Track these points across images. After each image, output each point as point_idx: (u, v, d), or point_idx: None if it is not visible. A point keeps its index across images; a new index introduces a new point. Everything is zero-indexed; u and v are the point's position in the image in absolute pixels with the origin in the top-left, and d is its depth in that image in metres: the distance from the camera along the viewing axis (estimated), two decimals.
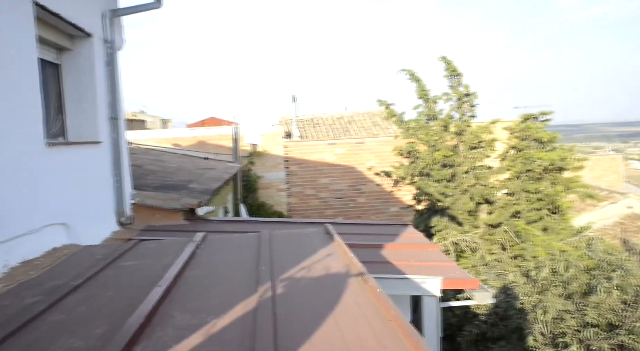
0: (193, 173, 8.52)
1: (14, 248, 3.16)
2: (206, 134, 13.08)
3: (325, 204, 12.78)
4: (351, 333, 2.00)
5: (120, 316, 2.26)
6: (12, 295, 2.64)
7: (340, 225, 6.39)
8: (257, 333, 1.98)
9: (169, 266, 3.07)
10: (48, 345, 1.96)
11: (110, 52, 4.97)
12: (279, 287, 2.64)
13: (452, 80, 9.13)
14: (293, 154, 12.72)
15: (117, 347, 1.83)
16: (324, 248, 3.60)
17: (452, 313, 6.56)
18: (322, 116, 16.62)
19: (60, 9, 3.95)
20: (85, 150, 4.53)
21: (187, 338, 2.00)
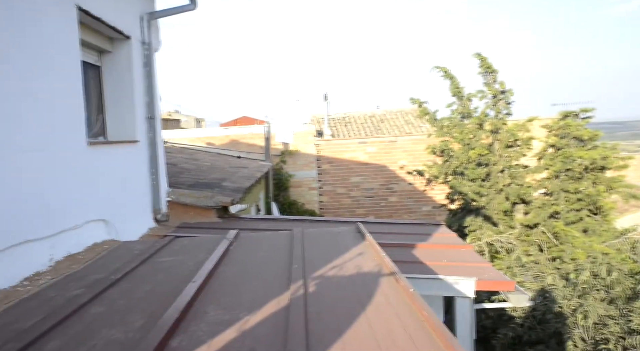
0: (226, 171, 8.67)
1: (59, 242, 3.31)
2: (238, 133, 13.28)
3: (356, 203, 12.74)
4: (383, 332, 1.99)
5: (157, 310, 2.32)
6: (58, 287, 2.77)
7: (372, 224, 6.36)
8: (290, 330, 1.99)
9: (202, 263, 3.14)
10: (91, 335, 2.04)
11: (147, 53, 5.12)
12: (311, 285, 2.66)
13: (487, 77, 8.92)
14: (324, 153, 12.74)
15: (155, 340, 1.89)
16: (355, 247, 3.60)
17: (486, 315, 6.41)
18: (354, 114, 16.57)
19: (102, 13, 4.10)
20: (123, 149, 4.69)
21: (220, 334, 2.04)
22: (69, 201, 3.50)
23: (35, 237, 3.04)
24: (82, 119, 3.76)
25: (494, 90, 8.87)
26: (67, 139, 3.55)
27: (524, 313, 6.08)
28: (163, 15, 5.24)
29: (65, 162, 3.49)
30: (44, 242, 3.14)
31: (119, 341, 1.98)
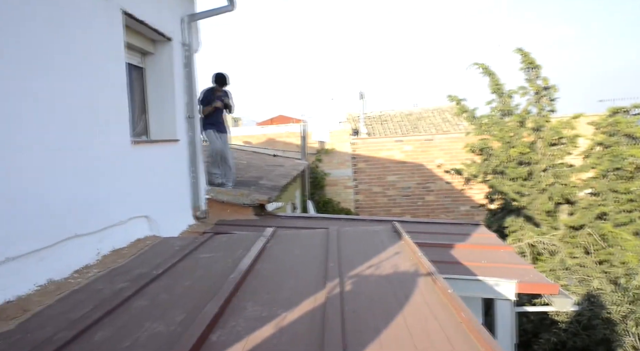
0: (262, 170, 8.79)
1: (105, 237, 3.46)
2: (275, 132, 13.42)
3: (392, 202, 12.62)
4: (420, 332, 1.97)
5: (197, 304, 2.39)
6: (105, 280, 2.89)
7: (408, 223, 6.29)
8: (326, 328, 2.00)
9: (240, 260, 3.20)
10: (136, 327, 2.13)
11: (187, 54, 5.25)
12: (347, 284, 2.66)
13: (529, 73, 8.62)
14: (360, 151, 12.68)
15: (195, 334, 1.94)
16: (391, 246, 3.57)
17: (527, 318, 6.21)
18: (390, 113, 16.41)
19: (145, 17, 4.25)
20: (165, 147, 4.83)
21: (258, 329, 2.07)
22: (114, 198, 3.64)
23: (84, 232, 3.19)
24: (126, 119, 3.91)
25: (537, 86, 8.56)
26: (113, 139, 3.70)
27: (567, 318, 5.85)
28: (203, 16, 5.37)
29: (110, 161, 3.64)
30: (92, 236, 3.29)
31: (162, 334, 2.05)
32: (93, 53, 3.44)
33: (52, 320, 2.25)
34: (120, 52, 3.84)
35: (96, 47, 3.48)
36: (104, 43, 3.61)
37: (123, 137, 3.85)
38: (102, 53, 3.57)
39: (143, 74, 4.95)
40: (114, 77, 3.77)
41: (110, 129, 3.66)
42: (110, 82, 3.69)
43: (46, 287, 2.70)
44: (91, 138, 3.38)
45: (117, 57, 3.81)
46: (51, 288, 2.70)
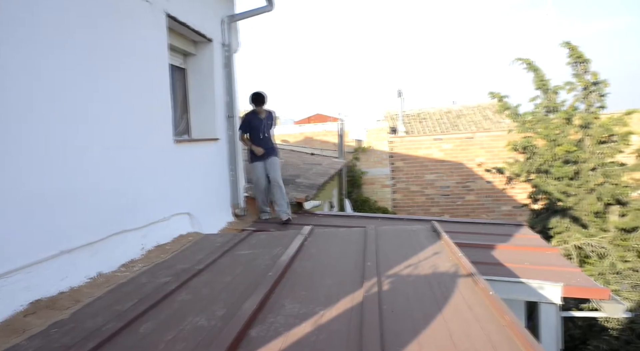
0: (300, 168, 8.85)
1: (150, 233, 3.59)
2: (312, 130, 13.48)
3: (431, 201, 12.41)
4: (461, 335, 1.93)
5: (237, 300, 2.44)
6: (149, 274, 3.00)
7: (448, 223, 6.16)
8: (364, 327, 2.00)
9: (279, 257, 3.24)
10: (179, 320, 2.19)
11: (227, 55, 5.36)
12: (385, 283, 2.64)
13: (576, 67, 8.24)
14: (398, 150, 12.54)
15: (235, 329, 1.98)
16: (430, 246, 3.51)
17: (574, 324, 5.95)
18: (429, 110, 16.13)
19: (187, 19, 4.36)
20: (205, 146, 4.95)
21: (297, 326, 2.09)
22: (158, 195, 3.77)
23: (130, 228, 3.32)
24: (169, 119, 4.04)
25: (585, 81, 8.17)
26: (157, 138, 3.83)
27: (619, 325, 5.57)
28: (242, 17, 5.46)
29: (155, 159, 3.76)
30: (137, 232, 3.42)
31: (203, 328, 2.11)
32: (140, 56, 3.57)
33: (102, 311, 2.36)
34: (164, 54, 3.97)
35: (143, 50, 3.61)
36: (150, 46, 3.74)
37: (167, 136, 3.98)
38: (148, 55, 3.70)
39: (185, 74, 5.10)
40: (159, 79, 3.90)
41: (155, 129, 3.79)
42: (155, 83, 3.82)
43: (96, 280, 2.83)
44: (138, 138, 3.51)
45: (162, 58, 3.93)
46: (100, 281, 2.83)
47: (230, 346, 1.83)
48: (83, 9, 2.91)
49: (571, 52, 8.25)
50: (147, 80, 3.69)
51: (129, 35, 3.43)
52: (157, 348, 1.92)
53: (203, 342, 1.95)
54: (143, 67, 3.62)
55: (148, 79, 3.71)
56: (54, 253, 2.56)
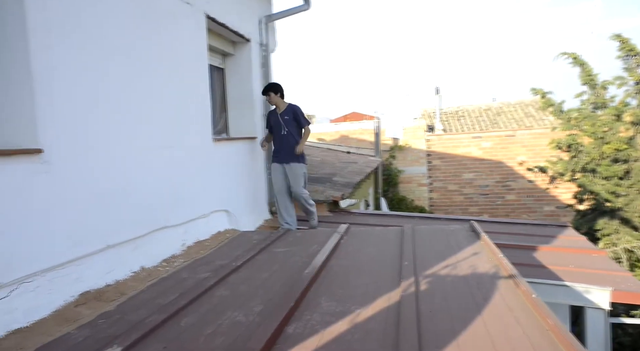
0: (336, 166, 8.85)
1: (190, 229, 3.69)
2: (348, 129, 13.45)
3: (469, 200, 12.13)
4: (501, 338, 1.87)
5: (273, 296, 2.47)
6: (189, 270, 3.08)
7: (487, 223, 6.00)
8: (401, 326, 1.98)
9: (315, 255, 3.25)
10: (218, 315, 2.25)
11: (264, 54, 5.42)
12: (423, 283, 2.60)
13: (628, 61, 7.82)
14: (435, 148, 12.32)
15: (273, 325, 2.01)
16: (469, 246, 3.44)
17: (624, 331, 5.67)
18: (468, 108, 15.76)
19: (226, 20, 4.45)
20: (243, 145, 5.03)
21: (333, 324, 2.10)
22: (197, 193, 3.87)
23: (171, 224, 3.42)
24: (209, 118, 4.13)
25: (638, 75, 7.75)
26: (197, 137, 3.92)
27: None
28: (279, 17, 5.50)
29: (195, 158, 3.86)
30: (178, 228, 3.53)
31: (241, 323, 2.15)
32: (181, 57, 3.67)
33: (145, 304, 2.44)
34: (204, 55, 4.06)
35: (184, 52, 3.71)
36: (191, 47, 3.83)
37: (206, 135, 4.08)
38: (189, 57, 3.80)
39: (223, 74, 5.20)
40: (199, 79, 3.99)
41: (195, 128, 3.89)
42: (195, 83, 3.92)
43: (139, 274, 2.94)
44: (179, 137, 3.61)
45: (201, 59, 4.03)
46: (143, 275, 2.93)
47: (268, 342, 1.86)
48: (132, 13, 3.03)
49: (622, 45, 7.85)
50: (188, 80, 3.79)
51: (172, 37, 3.53)
52: (197, 341, 1.97)
53: (241, 337, 1.99)
54: (184, 68, 3.72)
55: (189, 79, 3.81)
56: (101, 247, 2.68)
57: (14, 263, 2.13)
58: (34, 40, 2.25)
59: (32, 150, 2.25)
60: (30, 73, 2.24)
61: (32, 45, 2.24)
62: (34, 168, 2.25)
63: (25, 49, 2.23)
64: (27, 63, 2.23)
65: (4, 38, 2.24)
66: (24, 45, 2.23)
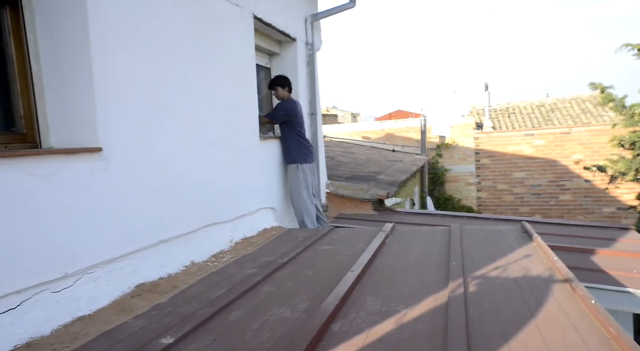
0: (381, 165, 8.77)
1: (238, 226, 3.78)
2: (393, 127, 13.29)
3: (520, 200, 11.67)
4: (557, 345, 1.79)
5: (319, 294, 2.48)
6: (237, 266, 3.16)
7: (540, 224, 5.75)
8: (449, 328, 1.93)
9: (360, 253, 3.24)
10: (265, 311, 2.29)
11: (310, 53, 5.46)
12: (471, 285, 2.53)
13: None
14: (484, 146, 11.94)
15: (318, 322, 2.02)
16: (520, 247, 3.31)
17: None
18: (519, 104, 15.15)
19: (273, 19, 4.51)
20: None
21: (378, 324, 2.08)
22: (245, 190, 3.95)
23: (220, 220, 3.52)
24: (256, 117, 4.21)
25: None
26: (245, 135, 4.01)
27: None
28: (325, 15, 5.52)
29: (243, 156, 3.95)
30: (226, 225, 3.62)
31: (287, 320, 2.17)
32: (230, 57, 3.76)
33: (196, 297, 2.53)
34: (251, 55, 4.14)
35: (233, 52, 3.80)
36: (239, 47, 3.92)
37: (253, 133, 4.16)
38: (237, 57, 3.88)
39: (270, 73, 5.27)
40: (247, 78, 4.07)
41: (243, 126, 3.98)
42: (243, 83, 4.01)
43: (189, 268, 3.04)
44: (228, 135, 3.71)
45: (249, 59, 4.11)
46: (193, 269, 3.03)
47: (314, 339, 1.87)
48: (184, 17, 3.14)
49: None
50: (236, 80, 3.87)
51: (222, 38, 3.63)
52: (245, 335, 2.01)
53: (287, 333, 2.01)
54: (233, 68, 3.81)
55: (237, 79, 3.89)
56: (154, 242, 2.79)
57: (77, 255, 2.26)
58: (94, 46, 2.38)
59: (92, 149, 2.38)
60: (91, 76, 2.37)
61: (93, 51, 2.37)
62: (94, 165, 2.38)
63: (87, 55, 2.36)
64: (89, 67, 2.36)
65: (68, 46, 2.38)
66: (86, 51, 2.36)
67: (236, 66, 3.87)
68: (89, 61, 2.36)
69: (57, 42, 2.38)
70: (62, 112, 2.42)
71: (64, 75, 2.39)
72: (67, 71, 2.39)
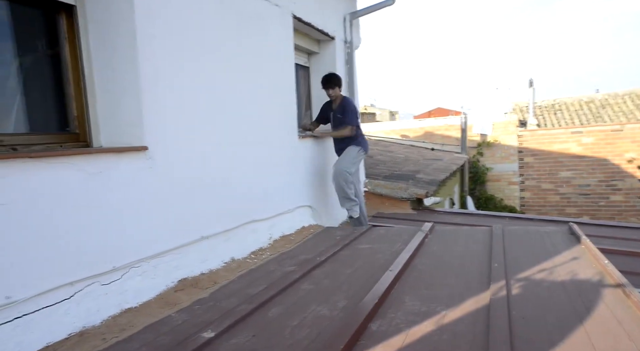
0: (420, 163, 8.64)
1: (276, 224, 3.83)
2: (433, 125, 13.06)
3: (566, 201, 11.19)
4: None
5: (357, 293, 2.48)
6: (276, 262, 3.20)
7: (588, 226, 5.49)
8: (491, 331, 1.88)
9: (399, 253, 3.21)
10: (303, 308, 2.31)
11: (348, 51, 5.44)
12: (515, 287, 2.46)
13: None
14: (528, 144, 11.53)
15: (357, 321, 2.02)
16: (567, 250, 3.18)
17: None
18: (566, 100, 14.53)
19: (311, 19, 4.53)
20: (326, 142, 5.09)
21: (417, 324, 2.06)
22: (283, 188, 4.00)
23: (259, 218, 3.58)
24: (295, 115, 4.24)
25: None
26: (284, 134, 4.05)
27: None
28: (364, 13, 5.49)
29: (282, 154, 4.00)
30: (265, 222, 3.67)
31: (325, 318, 2.19)
32: (270, 57, 3.82)
33: (236, 293, 2.58)
34: (290, 54, 4.18)
35: (272, 52, 3.85)
36: (278, 47, 3.96)
37: (292, 132, 4.19)
38: (276, 56, 3.93)
39: (308, 72, 5.30)
40: (286, 78, 4.12)
41: (282, 125, 4.03)
42: (283, 82, 4.05)
43: (229, 264, 3.11)
44: (267, 134, 3.76)
45: (289, 58, 4.15)
46: (233, 266, 3.10)
47: (352, 338, 1.87)
48: (226, 17, 3.21)
49: None
50: (276, 79, 3.92)
51: (262, 38, 3.68)
52: (283, 332, 2.04)
53: (325, 331, 2.02)
54: (273, 68, 3.86)
55: (277, 78, 3.94)
56: (196, 238, 2.88)
57: (125, 250, 2.36)
58: (141, 50, 2.47)
59: (138, 148, 2.47)
60: (138, 79, 2.46)
61: (140, 55, 2.46)
62: (140, 164, 2.48)
63: (135, 58, 2.45)
64: (136, 70, 2.46)
65: (117, 50, 2.48)
66: (133, 55, 2.45)
67: (276, 66, 3.92)
68: (136, 64, 2.45)
69: (107, 46, 2.49)
70: (111, 112, 2.53)
71: (113, 78, 2.50)
72: (116, 74, 2.49)
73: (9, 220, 1.86)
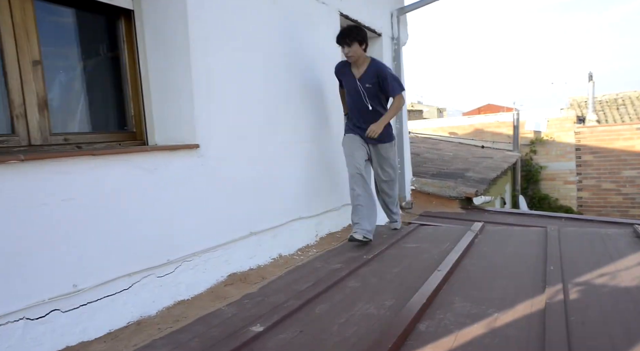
0: (469, 161, 8.40)
1: (323, 221, 3.84)
2: (483, 122, 12.65)
3: (630, 201, 10.51)
4: None
5: (404, 292, 2.45)
6: (322, 260, 3.22)
7: None
8: (547, 337, 1.80)
9: (447, 253, 3.14)
10: (350, 306, 2.31)
11: (396, 48, 5.37)
12: (572, 291, 2.34)
13: None
14: (587, 141, 10.92)
15: (405, 321, 1.99)
16: (633, 254, 2.99)
17: None
18: (631, 95, 13.63)
19: (358, 16, 4.51)
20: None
21: (467, 326, 2.00)
22: (330, 186, 4.00)
23: (306, 215, 3.61)
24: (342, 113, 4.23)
25: None
26: (331, 132, 4.06)
27: None
28: (411, 9, 5.39)
29: (329, 152, 4.00)
30: (312, 219, 3.70)
31: (372, 316, 2.17)
32: (318, 55, 3.83)
33: (283, 288, 2.62)
34: (338, 51, 4.17)
35: (320, 49, 3.87)
36: (327, 45, 3.97)
37: (340, 129, 4.19)
38: (324, 54, 3.94)
39: None
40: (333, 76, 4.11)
41: (330, 123, 4.04)
42: (330, 80, 4.05)
43: (277, 260, 3.16)
44: (315, 131, 3.79)
45: (336, 56, 4.14)
46: (281, 262, 3.15)
47: (400, 337, 1.85)
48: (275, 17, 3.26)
49: None
50: (323, 77, 3.93)
51: (310, 37, 3.70)
52: (331, 328, 2.05)
53: (373, 329, 2.01)
54: (320, 65, 3.87)
55: (324, 76, 3.95)
56: (246, 234, 2.94)
57: (178, 244, 2.46)
58: (194, 51, 2.56)
59: (191, 146, 2.56)
60: (190, 78, 2.55)
61: (192, 56, 2.55)
62: (192, 161, 2.56)
63: (187, 59, 2.54)
64: (189, 71, 2.54)
65: (171, 52, 2.58)
66: (186, 56, 2.54)
67: (323, 63, 3.93)
68: (189, 65, 2.54)
69: (162, 48, 2.59)
70: (165, 112, 2.63)
71: (167, 78, 2.60)
72: (170, 75, 2.59)
73: (75, 213, 1.98)
